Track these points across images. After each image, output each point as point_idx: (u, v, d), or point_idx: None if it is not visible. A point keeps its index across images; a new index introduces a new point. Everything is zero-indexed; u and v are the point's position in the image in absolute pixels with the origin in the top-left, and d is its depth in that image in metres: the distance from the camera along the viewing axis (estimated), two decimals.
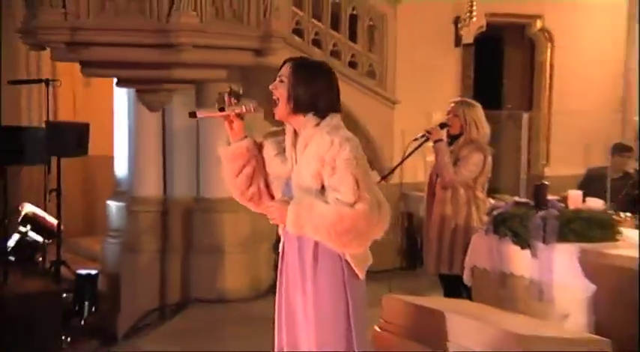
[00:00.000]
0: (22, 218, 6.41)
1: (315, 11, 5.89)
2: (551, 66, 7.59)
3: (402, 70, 6.42)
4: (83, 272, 5.96)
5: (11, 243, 6.29)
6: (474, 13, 6.87)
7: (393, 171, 4.69)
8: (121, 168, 6.43)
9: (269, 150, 2.57)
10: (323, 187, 2.40)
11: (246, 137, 2.55)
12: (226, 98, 2.52)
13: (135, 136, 6.00)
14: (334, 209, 2.35)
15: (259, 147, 2.59)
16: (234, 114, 2.51)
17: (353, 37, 6.16)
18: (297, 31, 5.77)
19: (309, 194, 2.41)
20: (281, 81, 2.49)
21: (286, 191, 2.52)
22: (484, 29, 7.18)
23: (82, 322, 5.74)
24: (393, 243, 6.66)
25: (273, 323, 2.59)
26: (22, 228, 6.37)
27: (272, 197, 2.59)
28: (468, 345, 2.55)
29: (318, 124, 2.45)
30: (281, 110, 2.48)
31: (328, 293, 2.42)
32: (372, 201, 2.35)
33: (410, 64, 6.46)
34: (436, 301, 2.89)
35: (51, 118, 7.30)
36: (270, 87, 2.51)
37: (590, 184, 5.71)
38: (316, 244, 2.43)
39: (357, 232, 2.35)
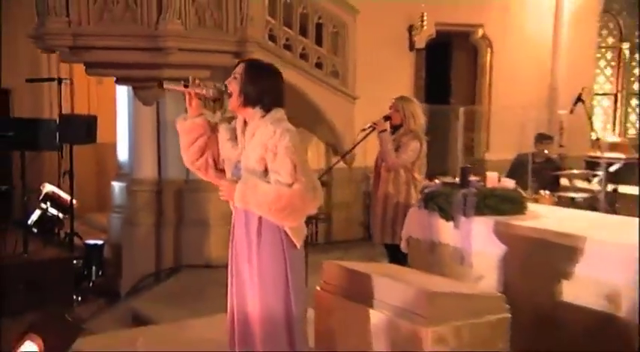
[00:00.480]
0: (43, 196, 6.40)
1: (286, 20, 5.83)
2: (491, 68, 7.62)
3: (362, 70, 6.38)
4: (91, 242, 5.97)
5: (34, 217, 6.30)
6: (425, 23, 6.86)
7: (345, 155, 4.70)
8: (122, 153, 6.40)
9: (223, 134, 2.56)
10: (266, 170, 2.40)
11: (201, 115, 2.54)
12: (191, 79, 2.51)
13: (134, 127, 5.97)
14: (274, 188, 2.35)
15: (212, 126, 2.57)
16: (194, 93, 2.50)
17: (319, 41, 6.11)
18: (271, 37, 5.72)
19: (254, 175, 2.41)
20: (235, 78, 2.48)
21: (235, 172, 2.51)
22: (434, 36, 7.17)
23: (91, 284, 5.77)
24: (357, 218, 6.68)
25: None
26: (43, 205, 6.36)
27: (220, 170, 2.58)
28: (389, 301, 2.57)
29: (263, 116, 2.44)
30: (233, 102, 2.47)
31: (270, 260, 2.42)
32: (307, 183, 2.35)
33: (369, 65, 6.43)
34: (368, 266, 2.89)
35: (69, 111, 7.29)
36: (226, 82, 2.51)
37: (519, 167, 5.78)
38: (260, 218, 2.42)
39: (292, 208, 2.35)
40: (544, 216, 3.48)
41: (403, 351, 2.45)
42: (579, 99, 5.31)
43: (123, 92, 6.14)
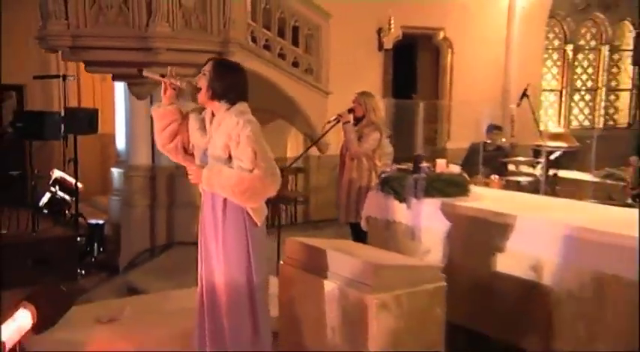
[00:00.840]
0: (53, 181, 6.33)
1: (266, 23, 5.77)
2: (452, 67, 7.60)
3: (335, 69, 6.32)
4: (94, 221, 5.93)
5: (44, 199, 6.23)
6: (393, 26, 6.82)
7: (313, 144, 4.70)
8: (120, 143, 6.34)
9: (193, 123, 2.55)
10: (230, 157, 2.39)
11: (172, 104, 2.54)
12: (168, 70, 2.48)
13: (130, 119, 5.91)
14: (237, 173, 2.35)
15: (184, 115, 2.56)
16: (169, 82, 2.48)
17: (295, 42, 6.05)
18: (252, 38, 5.65)
19: (220, 162, 2.41)
20: (204, 74, 2.48)
21: (203, 158, 2.51)
22: (400, 38, 7.14)
23: (93, 259, 5.74)
24: (331, 201, 6.64)
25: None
26: (52, 189, 6.29)
27: (189, 154, 2.58)
28: (340, 273, 2.57)
29: (228, 109, 2.44)
30: (202, 96, 2.46)
31: (234, 238, 2.42)
32: (266, 169, 2.35)
33: (342, 64, 6.38)
34: (325, 242, 2.88)
35: (76, 105, 7.19)
36: (196, 78, 2.48)
37: (473, 154, 5.78)
38: (225, 200, 2.43)
39: (253, 191, 2.35)
40: (485, 197, 3.48)
41: (351, 317, 2.46)
42: (524, 94, 5.30)
43: (120, 88, 6.06)
